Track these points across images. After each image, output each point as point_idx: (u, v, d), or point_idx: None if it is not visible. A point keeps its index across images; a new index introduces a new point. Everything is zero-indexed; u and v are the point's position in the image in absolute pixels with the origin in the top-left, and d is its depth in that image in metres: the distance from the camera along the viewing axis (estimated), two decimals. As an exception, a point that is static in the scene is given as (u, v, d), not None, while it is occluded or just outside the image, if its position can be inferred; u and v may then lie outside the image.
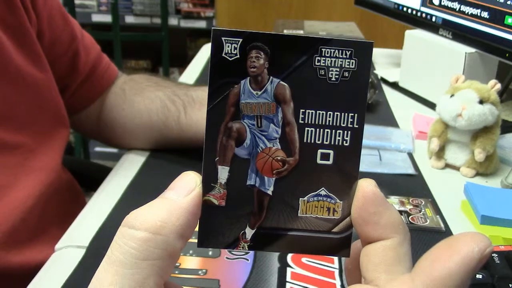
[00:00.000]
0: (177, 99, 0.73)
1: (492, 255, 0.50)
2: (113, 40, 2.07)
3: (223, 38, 0.25)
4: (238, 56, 0.26)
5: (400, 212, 0.64)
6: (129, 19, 2.43)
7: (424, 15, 1.02)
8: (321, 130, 0.26)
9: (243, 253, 0.56)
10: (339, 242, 0.27)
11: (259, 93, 0.26)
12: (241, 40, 0.25)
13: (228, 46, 0.25)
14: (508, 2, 0.82)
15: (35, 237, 0.65)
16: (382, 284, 0.25)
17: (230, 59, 0.26)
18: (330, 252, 0.28)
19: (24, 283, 0.52)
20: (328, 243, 0.27)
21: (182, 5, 2.41)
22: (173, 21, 2.38)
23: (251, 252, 0.55)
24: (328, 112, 0.26)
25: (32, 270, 0.54)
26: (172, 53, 2.27)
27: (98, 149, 2.38)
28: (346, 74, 0.26)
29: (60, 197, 0.71)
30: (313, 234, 0.27)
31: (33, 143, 0.66)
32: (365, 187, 0.26)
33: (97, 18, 2.42)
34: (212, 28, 0.25)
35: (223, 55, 0.25)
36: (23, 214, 0.63)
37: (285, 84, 0.26)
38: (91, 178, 0.91)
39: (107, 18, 2.29)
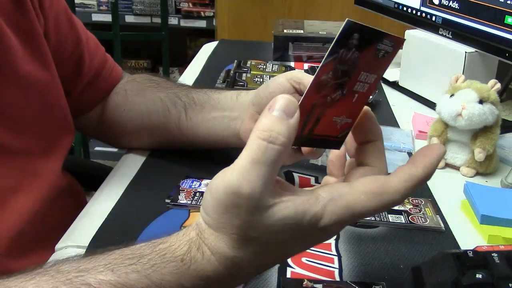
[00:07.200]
0: (178, 101, 0.72)
1: (492, 255, 0.50)
2: (113, 39, 2.07)
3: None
4: None
5: (400, 212, 0.64)
6: (129, 19, 2.43)
7: (424, 14, 1.02)
8: (362, 83, 0.41)
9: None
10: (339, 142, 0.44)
11: None
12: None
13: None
14: (508, 2, 0.82)
15: (38, 241, 0.65)
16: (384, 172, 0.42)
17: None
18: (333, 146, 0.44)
19: None
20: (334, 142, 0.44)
21: (182, 5, 2.41)
22: (173, 20, 2.38)
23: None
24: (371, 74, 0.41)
25: None
26: (172, 53, 2.26)
27: (98, 148, 2.38)
28: (386, 55, 0.40)
29: (62, 200, 0.71)
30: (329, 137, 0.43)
31: (38, 148, 0.66)
32: (367, 110, 0.43)
33: (97, 17, 2.42)
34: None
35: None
36: (29, 218, 0.62)
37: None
38: (91, 178, 0.91)
39: (107, 18, 2.29)
